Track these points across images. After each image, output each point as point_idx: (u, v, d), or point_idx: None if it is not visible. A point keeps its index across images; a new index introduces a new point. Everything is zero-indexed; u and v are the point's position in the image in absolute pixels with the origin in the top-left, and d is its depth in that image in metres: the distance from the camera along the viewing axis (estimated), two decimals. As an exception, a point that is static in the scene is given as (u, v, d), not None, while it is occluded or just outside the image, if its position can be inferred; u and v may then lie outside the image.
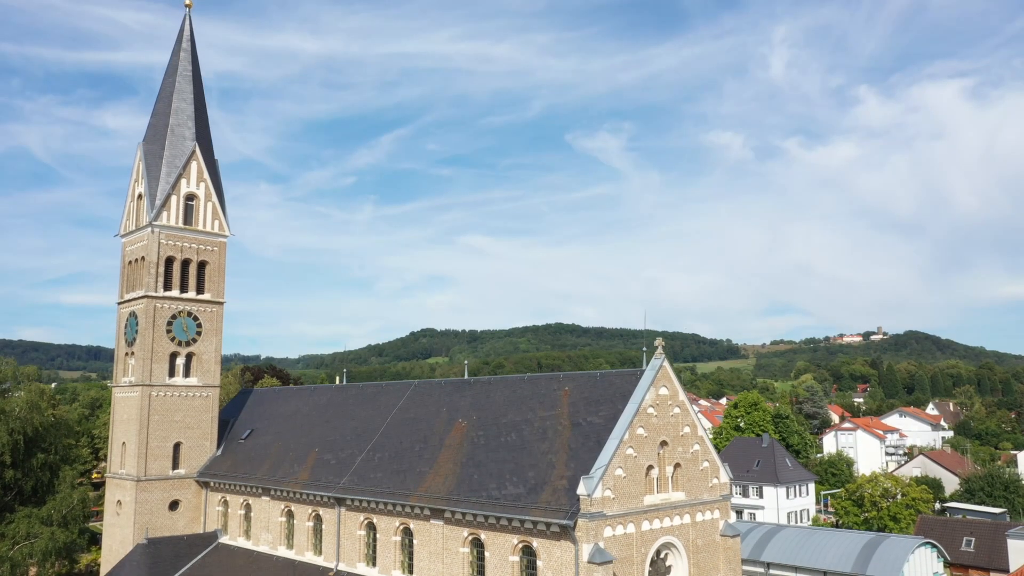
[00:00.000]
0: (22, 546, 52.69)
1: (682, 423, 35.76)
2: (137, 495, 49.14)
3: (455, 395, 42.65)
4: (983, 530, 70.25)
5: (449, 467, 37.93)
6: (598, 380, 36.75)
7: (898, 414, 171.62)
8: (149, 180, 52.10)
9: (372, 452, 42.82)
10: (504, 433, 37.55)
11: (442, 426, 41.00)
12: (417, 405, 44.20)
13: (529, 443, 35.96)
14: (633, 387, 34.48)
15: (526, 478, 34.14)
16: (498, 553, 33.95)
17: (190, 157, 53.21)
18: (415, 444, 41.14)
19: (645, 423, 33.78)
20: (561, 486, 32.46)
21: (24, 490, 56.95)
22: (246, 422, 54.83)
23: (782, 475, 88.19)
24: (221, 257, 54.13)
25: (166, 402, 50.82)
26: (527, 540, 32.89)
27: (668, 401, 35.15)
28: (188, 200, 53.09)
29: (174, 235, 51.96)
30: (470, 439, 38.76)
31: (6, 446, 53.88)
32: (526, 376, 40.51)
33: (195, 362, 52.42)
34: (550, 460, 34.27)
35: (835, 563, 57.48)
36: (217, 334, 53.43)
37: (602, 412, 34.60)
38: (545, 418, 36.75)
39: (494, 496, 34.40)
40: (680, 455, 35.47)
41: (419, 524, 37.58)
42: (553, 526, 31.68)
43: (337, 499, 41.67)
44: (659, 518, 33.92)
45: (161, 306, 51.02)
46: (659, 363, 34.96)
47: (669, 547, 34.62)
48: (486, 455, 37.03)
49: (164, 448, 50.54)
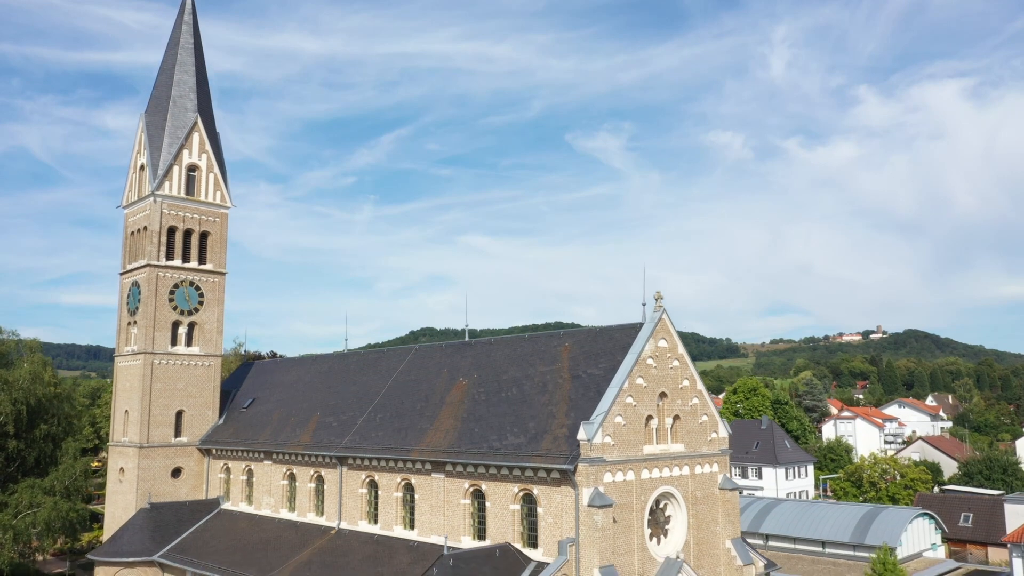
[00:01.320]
0: (24, 515, 52.97)
1: (681, 376, 36.09)
2: (139, 462, 49.42)
3: (456, 356, 42.98)
4: (981, 505, 70.56)
5: (450, 422, 38.25)
6: (598, 335, 37.08)
7: (897, 404, 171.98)
8: (151, 150, 52.43)
9: (373, 413, 43.14)
10: (505, 389, 37.88)
11: (443, 385, 41.32)
12: (418, 368, 44.53)
13: (529, 396, 36.29)
14: (633, 340, 34.83)
15: (526, 428, 34.47)
16: (499, 503, 34.27)
17: (192, 128, 53.53)
18: (416, 403, 41.46)
19: (644, 374, 34.11)
20: (561, 434, 32.78)
21: (27, 461, 57.27)
22: (248, 392, 55.13)
23: (781, 456, 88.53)
24: (223, 228, 54.44)
25: (168, 370, 51.12)
26: (527, 488, 33.22)
27: (667, 354, 35.47)
28: (190, 171, 53.41)
29: (176, 205, 52.28)
30: (471, 396, 39.08)
31: (9, 416, 54.19)
32: (527, 335, 40.82)
33: (197, 331, 52.73)
34: (550, 411, 34.59)
35: (833, 533, 57.86)
36: (219, 304, 53.74)
37: (602, 364, 34.93)
38: (545, 372, 37.08)
39: (495, 447, 34.71)
40: (679, 407, 35.80)
41: (420, 479, 37.89)
42: (553, 472, 32.01)
43: (339, 458, 41.96)
44: (658, 468, 34.25)
45: (163, 275, 51.32)
46: (658, 316, 35.30)
47: (668, 497, 34.95)
48: (487, 410, 37.36)
49: (166, 416, 50.82)
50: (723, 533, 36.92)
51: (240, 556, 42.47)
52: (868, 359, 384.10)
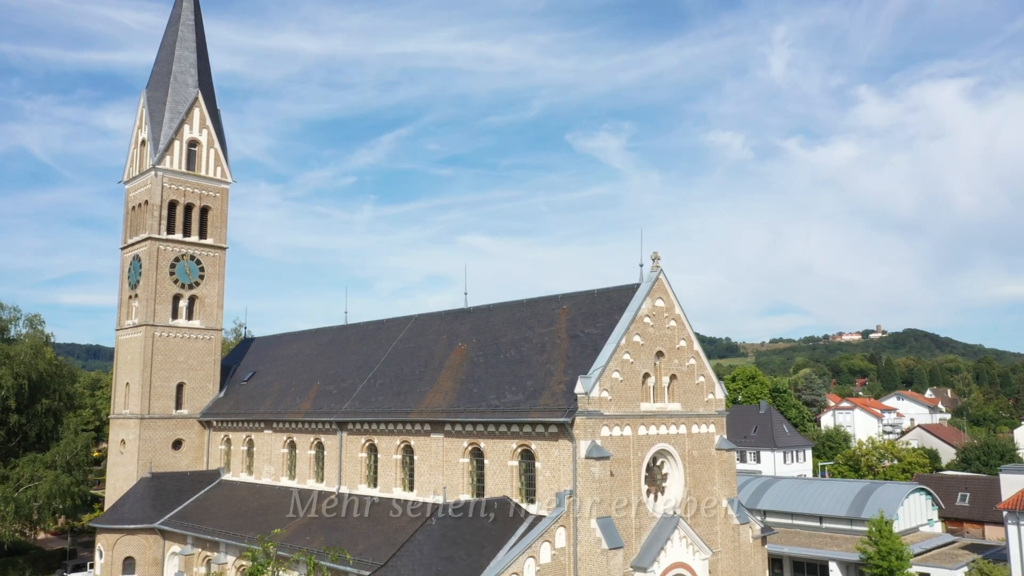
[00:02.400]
0: (26, 489, 53.24)
1: (678, 336, 36.39)
2: (140, 433, 49.73)
3: (455, 323, 43.28)
4: (978, 485, 70.92)
5: (449, 384, 38.56)
6: (596, 296, 37.36)
7: (896, 397, 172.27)
8: (152, 125, 52.75)
9: (373, 379, 43.45)
10: (503, 351, 38.17)
11: (442, 350, 41.63)
12: (417, 336, 44.83)
13: (528, 357, 36.59)
14: (630, 300, 35.13)
15: (524, 387, 34.77)
16: (497, 460, 34.57)
17: (193, 103, 53.85)
18: (416, 369, 41.77)
19: (641, 331, 34.42)
20: (559, 390, 33.08)
21: (28, 436, 57.53)
22: (248, 366, 55.45)
23: (779, 440, 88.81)
24: (223, 203, 54.76)
25: (169, 343, 51.42)
26: (526, 444, 33.51)
27: (664, 313, 35.78)
28: (191, 146, 53.73)
29: (177, 179, 52.60)
30: (470, 359, 39.39)
31: (11, 390, 54.43)
32: (525, 300, 41.10)
33: (198, 305, 53.04)
34: (548, 369, 34.90)
35: (830, 508, 58.14)
36: (220, 279, 54.05)
37: (600, 323, 35.22)
38: (543, 334, 37.38)
39: (493, 405, 35.02)
40: (676, 367, 36.10)
41: (419, 440, 38.18)
42: (551, 427, 32.29)
43: (339, 423, 42.27)
44: (655, 425, 34.57)
45: (164, 248, 51.64)
46: (655, 276, 35.61)
47: (665, 455, 35.25)
48: (485, 371, 37.67)
49: (167, 388, 51.13)
50: (720, 493, 37.21)
51: (241, 521, 42.76)
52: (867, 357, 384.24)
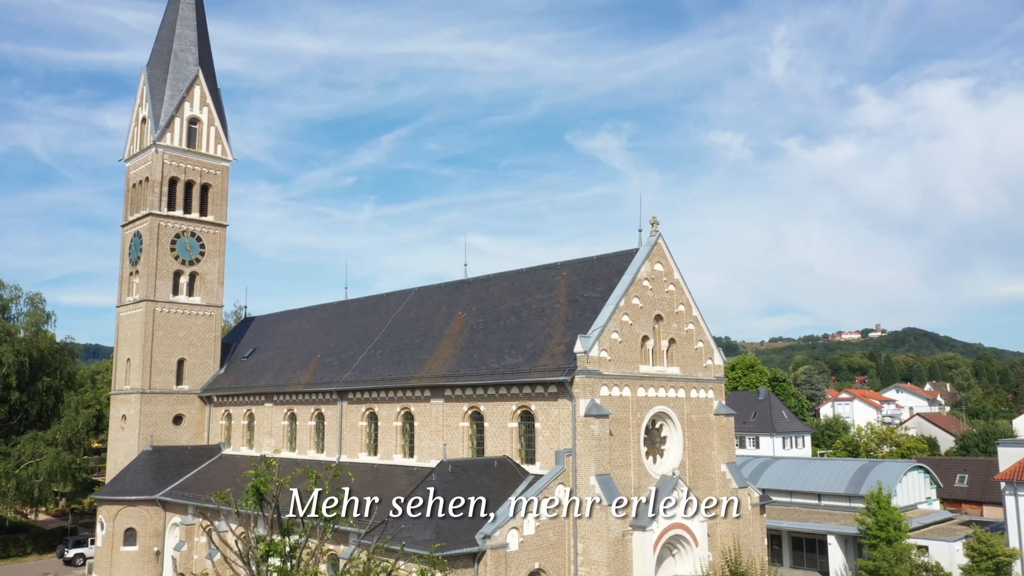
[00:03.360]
0: (27, 465, 53.44)
1: (677, 301, 36.58)
2: (141, 407, 49.88)
3: (455, 294, 43.46)
4: (976, 467, 71.13)
5: (449, 351, 38.74)
6: (595, 262, 37.56)
7: (895, 390, 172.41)
8: (153, 102, 52.92)
9: (373, 350, 43.64)
10: (503, 317, 38.37)
11: (442, 320, 41.82)
12: (417, 307, 45.02)
13: (527, 322, 36.78)
14: (629, 264, 35.32)
15: (524, 349, 34.96)
16: (497, 422, 34.75)
17: (193, 81, 54.03)
18: (416, 338, 41.95)
19: (640, 294, 34.61)
20: (559, 351, 33.27)
21: (29, 413, 57.70)
22: (249, 343, 55.64)
23: (778, 425, 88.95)
24: (224, 181, 54.94)
25: (170, 318, 51.59)
26: (525, 405, 33.69)
27: (663, 277, 35.98)
28: (191, 123, 53.90)
29: (177, 156, 52.77)
30: (470, 327, 39.58)
31: (12, 367, 54.65)
32: (524, 268, 41.28)
33: (198, 281, 53.21)
34: (548, 332, 35.09)
35: (829, 486, 58.22)
36: (220, 256, 54.23)
37: (599, 287, 35.41)
38: (543, 300, 37.57)
39: (493, 368, 35.20)
40: (675, 331, 36.29)
41: (419, 406, 38.35)
42: (551, 386, 32.49)
43: (339, 393, 42.44)
44: (654, 387, 34.75)
45: (165, 224, 51.82)
46: (654, 240, 35.81)
47: (664, 418, 35.43)
48: (485, 337, 37.86)
49: (168, 363, 51.30)
50: (718, 457, 37.41)
51: (243, 491, 42.79)
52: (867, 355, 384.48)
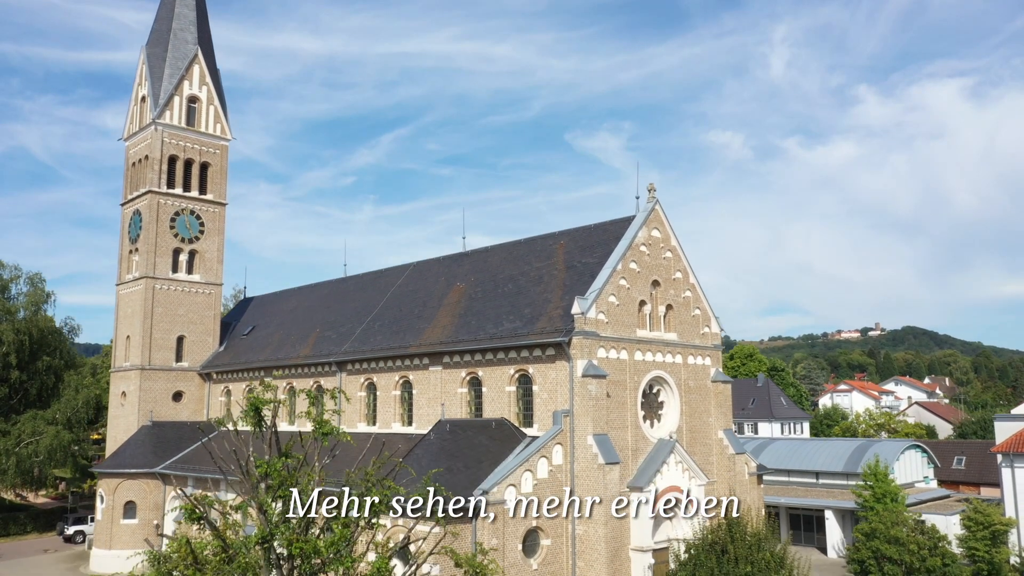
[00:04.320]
0: (27, 443, 53.57)
1: (674, 267, 36.75)
2: (141, 383, 50.03)
3: (453, 266, 43.63)
4: (973, 449, 71.26)
5: (447, 320, 38.91)
6: (592, 230, 37.74)
7: (894, 382, 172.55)
8: (152, 80, 53.08)
9: (372, 322, 43.80)
10: (501, 286, 38.54)
11: (441, 291, 41.99)
12: (416, 281, 45.18)
13: (525, 289, 36.95)
14: (626, 230, 35.48)
15: (522, 314, 35.13)
16: (495, 386, 34.90)
17: (192, 60, 54.18)
18: (414, 308, 42.13)
19: (637, 259, 34.78)
20: (556, 314, 33.44)
21: (29, 393, 57.83)
22: (248, 322, 55.80)
23: (777, 411, 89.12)
24: (223, 160, 55.09)
25: (169, 295, 51.74)
26: (523, 368, 33.85)
27: (660, 244, 36.15)
28: (191, 102, 54.05)
29: (177, 134, 52.91)
30: (468, 296, 39.74)
31: (11, 346, 54.77)
32: (523, 239, 41.45)
33: (198, 259, 53.35)
34: (546, 297, 35.26)
35: (826, 464, 58.38)
36: (220, 234, 54.38)
37: (596, 253, 35.58)
38: (541, 267, 37.74)
39: (491, 333, 35.36)
40: (672, 297, 36.46)
41: (418, 374, 38.51)
42: (549, 349, 32.65)
43: (338, 364, 42.59)
44: (651, 352, 34.90)
45: (164, 202, 51.97)
46: (651, 206, 35.99)
47: (661, 383, 35.58)
48: (484, 305, 38.03)
49: (167, 340, 51.44)
50: (715, 424, 37.59)
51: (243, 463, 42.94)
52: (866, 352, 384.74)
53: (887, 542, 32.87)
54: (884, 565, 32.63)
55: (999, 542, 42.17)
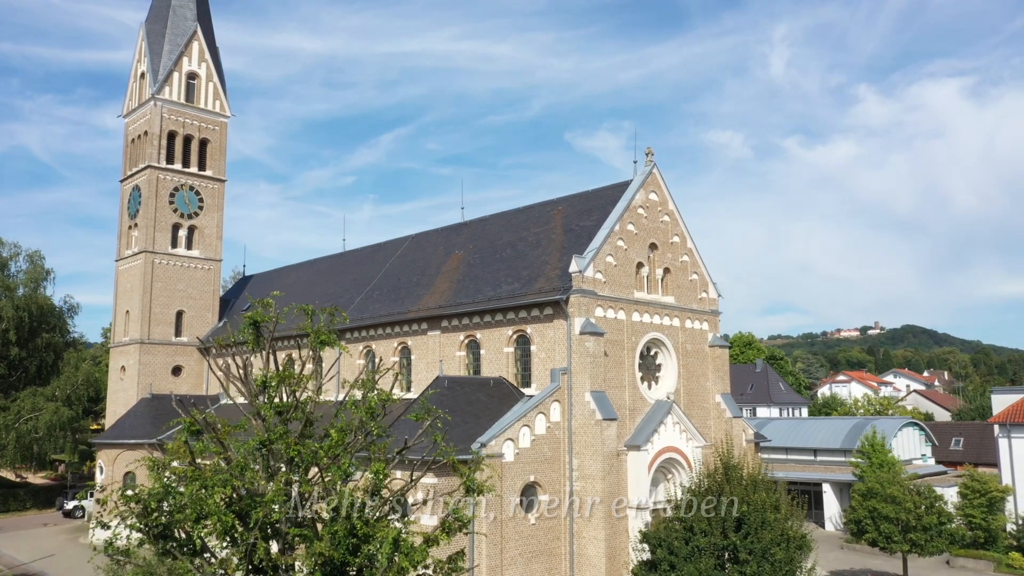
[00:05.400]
0: (27, 419, 53.66)
1: (671, 231, 36.87)
2: (140, 357, 50.15)
3: (452, 235, 43.77)
4: (971, 430, 71.38)
5: (446, 286, 39.04)
6: (590, 195, 37.88)
7: (892, 375, 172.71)
8: (151, 56, 53.21)
9: (371, 292, 43.94)
10: (499, 251, 38.67)
11: (439, 259, 42.13)
12: (415, 251, 45.32)
13: (523, 253, 37.08)
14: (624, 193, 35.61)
15: (520, 276, 35.26)
16: (493, 348, 35.02)
17: (192, 37, 54.32)
18: (413, 277, 42.27)
19: (635, 221, 34.91)
20: (554, 275, 33.57)
21: (29, 370, 57.90)
22: (247, 299, 55.86)
23: (775, 396, 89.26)
24: (222, 137, 55.22)
25: (168, 270, 51.86)
26: (521, 329, 33.97)
27: (658, 207, 36.27)
28: (190, 78, 54.19)
29: (176, 110, 53.04)
30: (467, 263, 39.88)
31: (11, 321, 54.84)
32: (521, 207, 41.58)
33: (197, 235, 53.49)
34: (544, 260, 35.40)
35: (825, 441, 58.53)
36: (219, 210, 54.52)
37: (594, 216, 35.69)
38: (539, 232, 37.87)
39: (489, 296, 35.49)
40: (670, 261, 36.58)
41: (417, 340, 38.63)
42: (547, 307, 32.78)
43: (337, 332, 42.56)
44: (649, 314, 35.01)
45: (163, 177, 52.09)
46: (648, 169, 36.11)
47: (659, 345, 35.70)
48: (482, 270, 38.16)
49: (167, 315, 51.57)
50: (713, 388, 37.72)
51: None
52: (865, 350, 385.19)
53: (884, 501, 32.99)
54: (880, 524, 32.73)
55: (996, 509, 42.35)
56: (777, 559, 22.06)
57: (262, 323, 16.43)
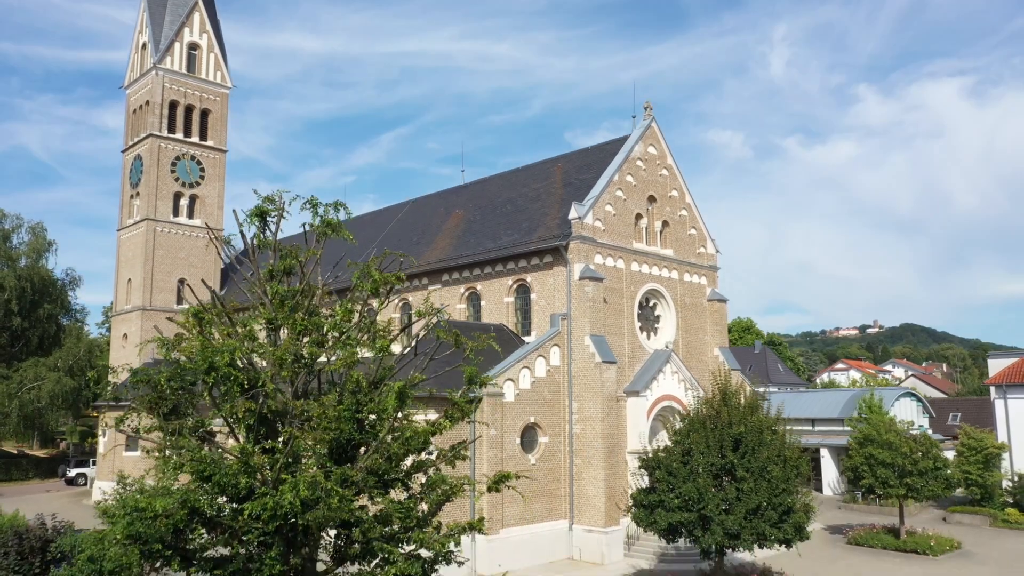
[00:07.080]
0: (29, 387, 53.93)
1: (670, 185, 37.21)
2: (142, 324, 50.41)
3: (452, 197, 44.12)
4: (969, 405, 71.62)
5: (447, 242, 39.36)
6: (590, 151, 38.28)
7: (891, 365, 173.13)
8: (153, 26, 53.54)
9: (371, 253, 44.16)
10: (500, 207, 39.01)
11: (440, 219, 42.45)
12: (415, 214, 45.65)
13: (523, 207, 37.42)
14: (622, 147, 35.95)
15: (520, 228, 35.59)
16: (493, 299, 35.35)
17: (193, 7, 54.64)
18: (413, 237, 42.58)
19: (634, 173, 35.25)
20: (554, 223, 33.90)
21: (31, 341, 58.17)
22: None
23: (774, 376, 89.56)
24: (223, 107, 55.54)
25: (170, 239, 52.16)
26: (521, 278, 34.30)
27: (656, 161, 36.61)
28: (191, 49, 54.51)
29: (177, 80, 53.35)
30: (467, 220, 40.21)
31: (13, 291, 55.12)
32: (521, 166, 41.93)
33: (199, 204, 53.80)
34: (544, 211, 35.73)
35: (823, 411, 58.88)
36: (220, 180, 54.83)
37: (593, 170, 35.99)
38: (539, 188, 38.22)
39: (489, 247, 35.81)
40: (668, 214, 36.91)
41: (417, 296, 38.92)
42: (546, 255, 33.10)
43: (337, 292, 42.85)
44: (647, 264, 35.33)
45: (165, 146, 52.40)
46: (647, 123, 36.46)
47: (658, 296, 36.02)
48: (482, 225, 38.48)
49: (168, 283, 51.86)
50: (711, 342, 38.05)
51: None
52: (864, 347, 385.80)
53: (880, 447, 33.33)
54: (877, 469, 33.08)
55: (992, 466, 42.68)
56: (774, 476, 22.39)
57: (268, 214, 16.61)
